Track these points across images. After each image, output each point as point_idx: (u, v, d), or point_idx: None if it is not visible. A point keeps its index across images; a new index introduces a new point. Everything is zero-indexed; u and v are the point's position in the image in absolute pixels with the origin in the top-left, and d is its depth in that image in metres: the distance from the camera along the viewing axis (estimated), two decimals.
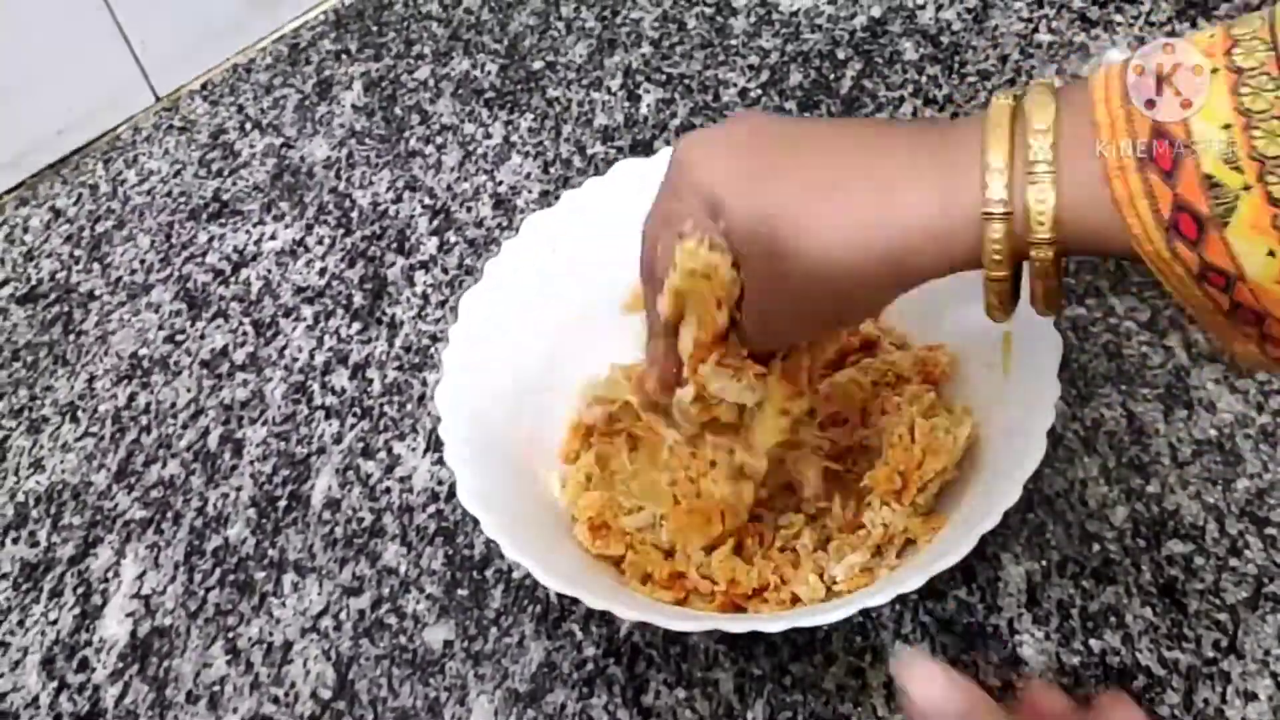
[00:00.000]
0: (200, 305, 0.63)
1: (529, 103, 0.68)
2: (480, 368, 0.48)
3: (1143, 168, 0.32)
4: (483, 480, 0.44)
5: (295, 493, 0.54)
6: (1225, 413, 0.49)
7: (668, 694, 0.46)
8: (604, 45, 0.70)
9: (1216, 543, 0.46)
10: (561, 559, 0.43)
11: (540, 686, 0.47)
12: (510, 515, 0.43)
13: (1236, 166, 0.31)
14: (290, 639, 0.50)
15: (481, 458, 0.45)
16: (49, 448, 0.58)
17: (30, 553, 0.55)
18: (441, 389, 0.47)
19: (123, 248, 0.66)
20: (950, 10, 0.67)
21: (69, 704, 0.50)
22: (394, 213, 0.64)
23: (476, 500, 0.43)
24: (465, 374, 0.48)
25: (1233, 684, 0.43)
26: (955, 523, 0.43)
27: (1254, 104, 0.31)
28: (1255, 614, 0.44)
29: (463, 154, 0.66)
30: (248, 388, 0.59)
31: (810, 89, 0.65)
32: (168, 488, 0.56)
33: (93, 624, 0.52)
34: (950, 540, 0.41)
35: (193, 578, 0.53)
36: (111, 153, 0.71)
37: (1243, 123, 0.31)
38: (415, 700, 0.47)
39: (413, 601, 0.50)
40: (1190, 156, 0.31)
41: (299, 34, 0.75)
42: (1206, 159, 0.31)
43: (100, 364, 0.61)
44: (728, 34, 0.69)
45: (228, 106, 0.72)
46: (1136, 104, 0.33)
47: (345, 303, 0.61)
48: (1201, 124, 0.31)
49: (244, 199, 0.67)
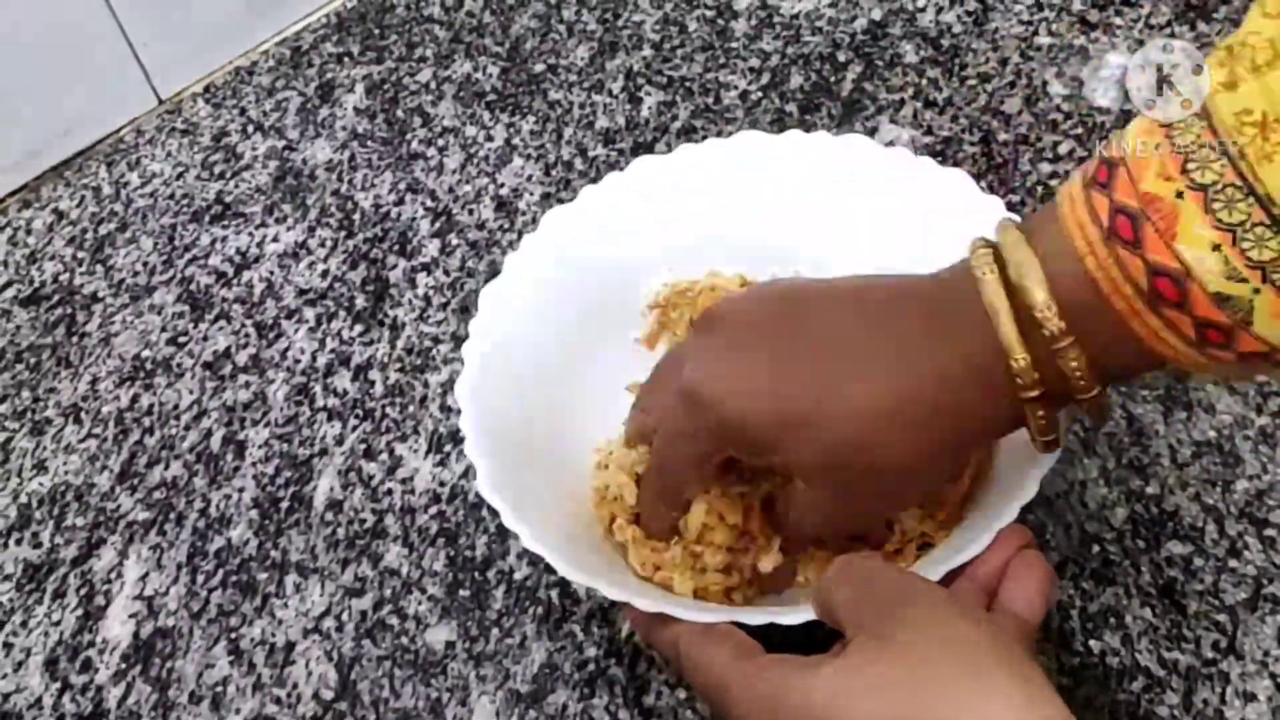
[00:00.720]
0: (203, 307, 0.63)
1: (530, 105, 0.68)
2: (500, 361, 0.48)
3: (1156, 306, 0.33)
4: (503, 472, 0.44)
5: (297, 494, 0.55)
6: (1224, 414, 0.49)
7: (669, 695, 0.46)
8: (605, 48, 0.70)
9: (1216, 544, 0.46)
10: (580, 551, 0.43)
11: (542, 687, 0.47)
12: (530, 506, 0.43)
13: (1241, 279, 0.31)
14: (292, 640, 0.50)
15: (501, 450, 0.45)
16: (52, 449, 0.59)
17: (33, 554, 0.55)
18: (461, 382, 0.47)
19: (125, 250, 0.66)
20: (950, 13, 0.67)
21: (72, 705, 0.50)
22: (396, 215, 0.65)
23: (496, 492, 0.43)
24: (485, 367, 0.48)
25: (1232, 685, 0.43)
26: (972, 521, 0.43)
27: (1230, 218, 0.31)
28: (1254, 615, 0.44)
29: (464, 156, 0.67)
30: (250, 389, 0.59)
31: (811, 91, 0.65)
32: (170, 489, 0.56)
33: (96, 625, 0.52)
34: (967, 537, 0.41)
35: (195, 579, 0.53)
36: (114, 155, 0.71)
37: (1228, 239, 0.31)
38: (417, 701, 0.47)
39: (414, 602, 0.50)
40: (1194, 284, 0.32)
41: (301, 37, 0.75)
42: (1210, 282, 0.31)
43: (103, 366, 0.61)
44: (729, 37, 0.69)
45: (230, 109, 0.72)
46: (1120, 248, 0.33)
47: (347, 305, 0.61)
48: (1192, 252, 0.31)
49: (246, 201, 0.67)
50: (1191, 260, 0.32)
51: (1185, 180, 0.32)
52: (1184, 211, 0.32)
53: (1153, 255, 0.32)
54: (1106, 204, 0.33)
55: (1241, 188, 0.31)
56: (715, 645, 0.38)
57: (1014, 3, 0.67)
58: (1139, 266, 0.33)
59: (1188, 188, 0.31)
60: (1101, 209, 0.34)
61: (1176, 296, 0.32)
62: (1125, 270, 0.33)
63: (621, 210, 0.52)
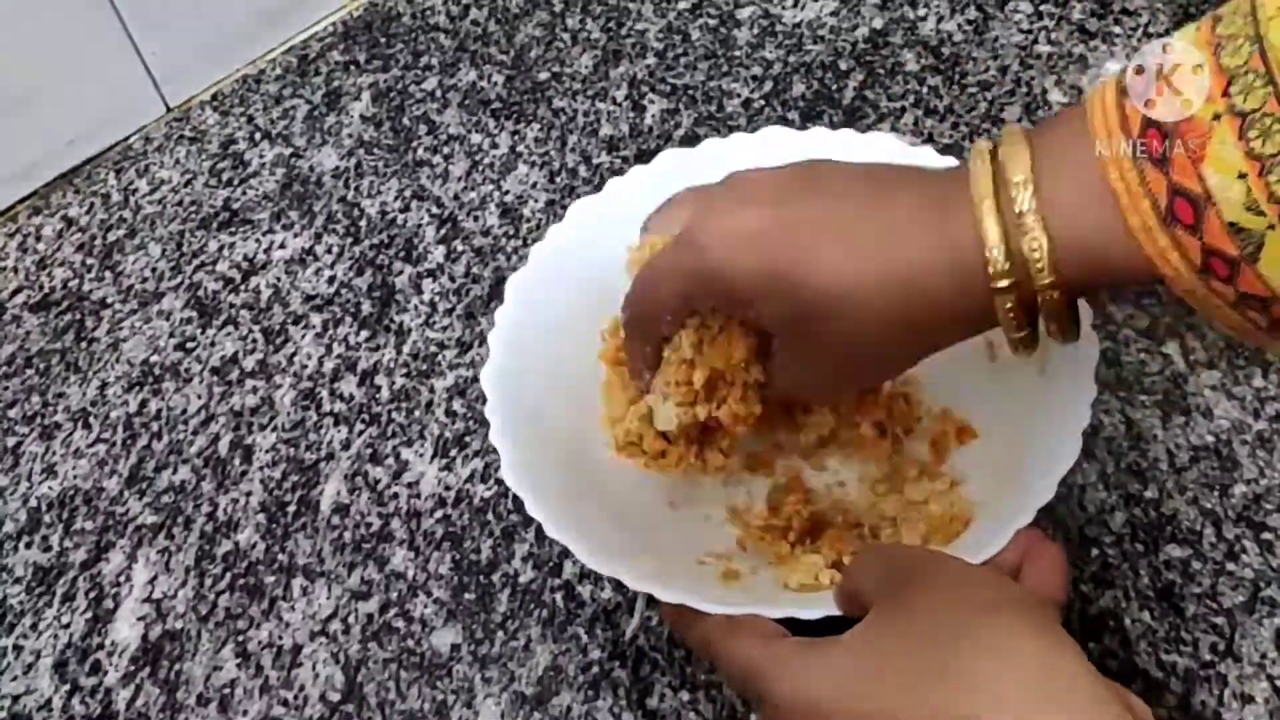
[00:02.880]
0: (211, 313, 0.63)
1: (535, 113, 0.69)
2: (525, 350, 0.48)
3: (1168, 226, 0.33)
4: (527, 460, 0.44)
5: (304, 498, 0.55)
6: (1222, 419, 0.50)
7: (672, 697, 0.46)
8: (609, 56, 0.71)
9: (1214, 547, 0.46)
10: (603, 539, 0.43)
11: (546, 689, 0.47)
12: (554, 495, 0.43)
13: (1259, 211, 0.31)
14: (299, 642, 0.50)
15: (526, 438, 0.45)
16: (61, 454, 0.59)
17: (43, 557, 0.55)
18: (487, 370, 0.47)
19: (134, 256, 0.67)
20: (951, 22, 0.68)
21: (81, 707, 0.50)
22: (402, 222, 0.65)
23: (521, 479, 0.43)
24: (510, 356, 0.48)
25: (1230, 687, 0.43)
26: (989, 520, 0.43)
27: (1263, 148, 0.31)
28: (1252, 618, 0.45)
29: (469, 164, 0.67)
30: (257, 394, 0.59)
31: (813, 99, 0.66)
32: (179, 493, 0.56)
33: (104, 628, 0.53)
34: (985, 538, 0.41)
35: (203, 582, 0.53)
36: (123, 162, 0.72)
37: (1256, 169, 0.31)
38: (423, 703, 0.48)
39: (420, 605, 0.51)
40: (1212, 208, 0.32)
41: (308, 45, 0.76)
42: (1228, 210, 0.31)
43: (112, 371, 0.62)
44: (731, 45, 0.70)
45: (238, 117, 0.73)
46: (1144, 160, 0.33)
47: (354, 310, 0.62)
48: (1216, 176, 0.31)
49: (254, 208, 0.68)
50: (1215, 185, 0.31)
51: (1225, 103, 0.31)
52: (1217, 135, 0.31)
53: (1177, 176, 0.32)
54: (1139, 115, 0.33)
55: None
56: (743, 635, 0.39)
57: (1014, 11, 0.68)
58: (1162, 185, 0.32)
59: (1227, 111, 0.31)
60: (1134, 119, 0.33)
61: (1191, 220, 0.32)
62: (1147, 186, 0.33)
63: (647, 202, 0.52)
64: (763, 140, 0.53)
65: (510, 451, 0.44)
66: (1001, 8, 0.68)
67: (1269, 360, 0.51)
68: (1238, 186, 0.31)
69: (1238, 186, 0.31)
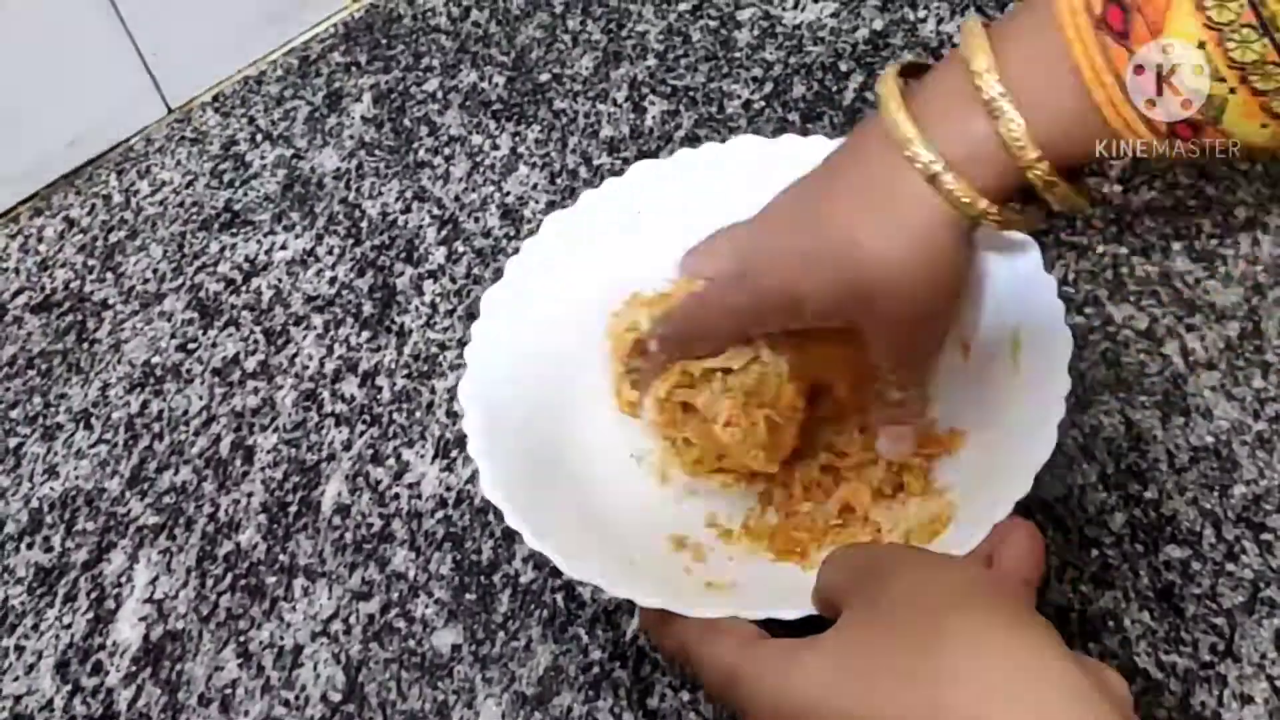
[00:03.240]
0: (212, 314, 0.64)
1: (536, 114, 0.69)
2: (502, 363, 0.49)
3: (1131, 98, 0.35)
4: (505, 472, 0.45)
5: (306, 499, 0.55)
6: (1222, 420, 0.50)
7: (672, 697, 0.47)
8: (610, 58, 0.71)
9: (1213, 548, 0.47)
10: (583, 548, 0.44)
11: (547, 689, 0.47)
12: (533, 505, 0.44)
13: (1219, 77, 0.33)
14: (301, 643, 0.51)
15: (503, 450, 0.46)
16: (63, 454, 0.59)
17: (44, 558, 0.56)
18: (464, 384, 0.48)
19: (135, 257, 0.67)
20: (951, 24, 0.68)
21: (83, 707, 0.50)
22: (403, 223, 0.65)
23: (499, 491, 0.44)
24: (487, 369, 0.48)
25: (1229, 687, 0.43)
26: (966, 516, 0.44)
27: (1220, 16, 0.32)
28: (1251, 618, 0.45)
29: (470, 165, 0.67)
30: (259, 395, 0.60)
31: (813, 101, 0.66)
32: (180, 494, 0.57)
33: (106, 628, 0.53)
34: (962, 536, 0.41)
35: (205, 582, 0.53)
36: (124, 164, 0.72)
37: (1214, 37, 0.32)
38: (424, 703, 0.48)
39: (421, 606, 0.51)
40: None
41: (309, 46, 0.76)
42: (1189, 78, 0.33)
43: (113, 372, 0.62)
44: (732, 47, 0.70)
45: (239, 118, 0.73)
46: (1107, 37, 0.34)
47: (355, 311, 0.62)
48: (1177, 46, 0.33)
49: (255, 209, 0.68)
50: (1175, 55, 0.33)
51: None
52: (1175, 5, 0.33)
53: (1138, 46, 0.34)
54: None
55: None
56: (721, 638, 0.39)
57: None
58: (1123, 58, 0.34)
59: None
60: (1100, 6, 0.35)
61: (1156, 91, 0.34)
62: (1109, 60, 0.34)
63: (621, 214, 0.53)
64: (734, 149, 0.53)
65: (489, 468, 0.45)
66: (1001, 9, 0.68)
67: (1269, 361, 0.51)
68: (1197, 54, 0.33)
69: (1197, 54, 0.33)
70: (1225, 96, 0.33)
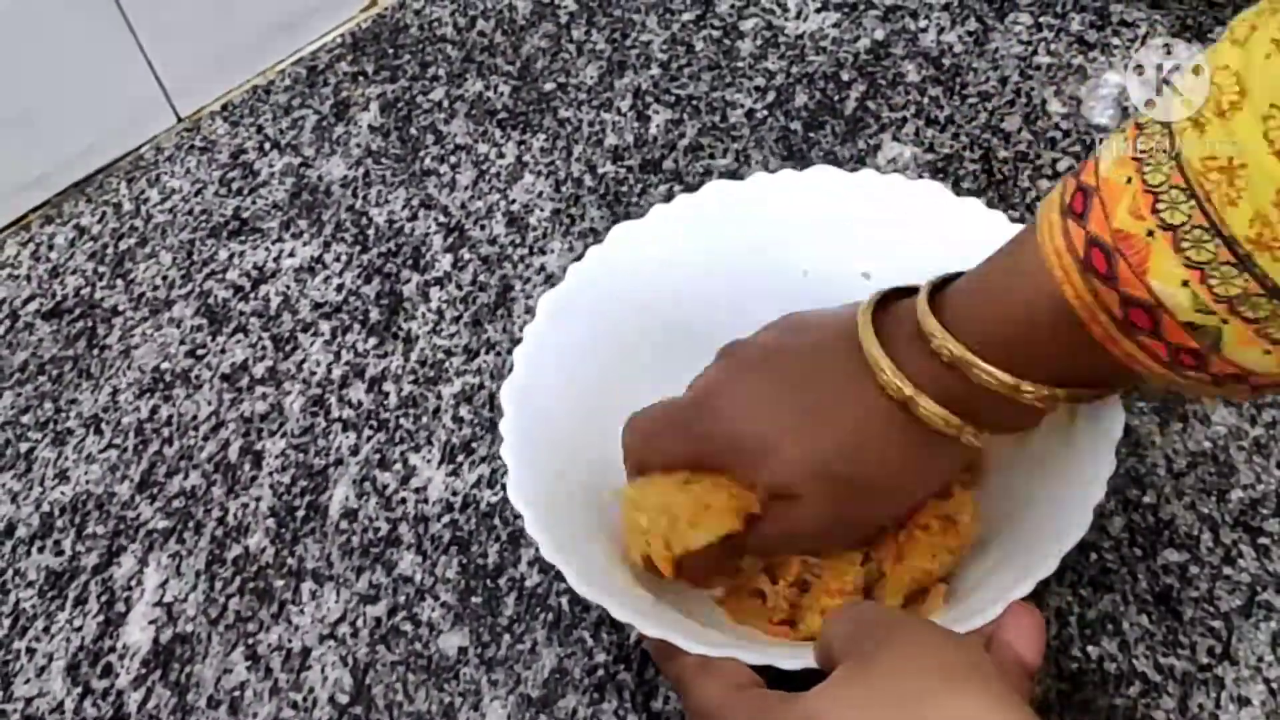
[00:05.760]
0: (220, 320, 0.64)
1: (541, 123, 0.70)
2: (548, 370, 0.48)
3: (1130, 333, 0.35)
4: (534, 479, 0.44)
5: (313, 503, 0.56)
6: (1219, 425, 0.50)
7: (676, 700, 0.47)
8: (614, 67, 0.72)
9: (1211, 552, 0.47)
10: (598, 567, 0.44)
11: (552, 692, 0.48)
12: (554, 518, 0.44)
13: (1209, 311, 0.33)
14: (309, 646, 0.51)
15: (536, 457, 0.45)
16: (73, 459, 0.60)
17: (55, 561, 0.56)
18: (508, 384, 0.47)
19: (145, 264, 0.68)
20: (952, 33, 0.69)
21: (93, 709, 0.51)
22: (409, 230, 0.66)
23: (524, 497, 0.44)
24: (533, 374, 0.48)
25: (1226, 690, 0.44)
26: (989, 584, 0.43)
27: (1199, 256, 0.32)
28: (1249, 621, 0.45)
29: (476, 173, 0.68)
30: (267, 401, 0.60)
31: (815, 110, 0.66)
32: (189, 498, 0.57)
33: (116, 631, 0.53)
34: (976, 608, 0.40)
35: (214, 586, 0.54)
36: (134, 172, 0.73)
37: (1197, 276, 0.32)
38: (430, 705, 0.48)
39: (428, 609, 0.51)
40: (1165, 314, 0.33)
41: (317, 56, 0.77)
42: (1181, 313, 0.33)
43: (123, 378, 0.63)
44: (735, 56, 0.70)
45: (247, 127, 0.74)
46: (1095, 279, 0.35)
47: (362, 318, 0.63)
48: (1161, 286, 0.33)
49: (263, 217, 0.69)
50: (1162, 294, 0.33)
51: (1156, 220, 0.33)
52: (1155, 249, 0.33)
53: (1125, 288, 0.34)
54: (1082, 236, 0.35)
55: (1208, 229, 0.32)
56: (713, 677, 0.39)
57: (1014, 23, 0.68)
58: (1113, 298, 0.34)
59: (1159, 227, 0.33)
60: (1078, 240, 0.35)
61: (1149, 325, 0.34)
62: (1100, 300, 0.35)
63: (691, 232, 0.51)
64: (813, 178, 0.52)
65: (518, 469, 0.44)
66: (1001, 19, 0.69)
67: None
68: (1184, 293, 0.33)
69: (1184, 293, 0.33)
70: (1219, 327, 0.33)
